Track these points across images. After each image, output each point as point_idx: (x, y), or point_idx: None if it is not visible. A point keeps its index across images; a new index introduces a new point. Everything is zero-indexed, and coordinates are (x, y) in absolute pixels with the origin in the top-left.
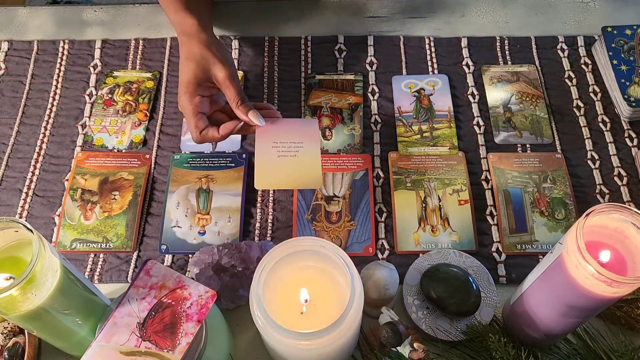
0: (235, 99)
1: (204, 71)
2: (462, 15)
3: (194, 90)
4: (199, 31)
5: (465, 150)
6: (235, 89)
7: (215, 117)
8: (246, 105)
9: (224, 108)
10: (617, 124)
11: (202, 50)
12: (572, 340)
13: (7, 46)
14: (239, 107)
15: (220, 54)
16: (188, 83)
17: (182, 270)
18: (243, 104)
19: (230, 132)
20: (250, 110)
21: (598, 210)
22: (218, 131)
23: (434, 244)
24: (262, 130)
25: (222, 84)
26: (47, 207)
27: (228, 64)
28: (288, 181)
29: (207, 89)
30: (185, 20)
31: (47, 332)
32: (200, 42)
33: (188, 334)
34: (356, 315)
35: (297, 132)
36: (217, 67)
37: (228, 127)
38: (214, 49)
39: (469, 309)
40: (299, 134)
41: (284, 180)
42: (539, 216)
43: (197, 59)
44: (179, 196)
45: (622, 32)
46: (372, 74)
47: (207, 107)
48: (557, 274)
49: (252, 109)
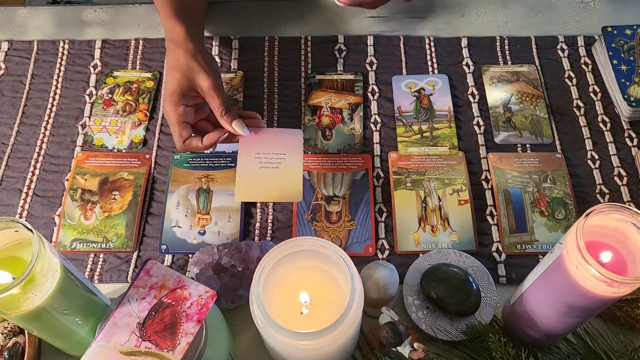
0: (219, 109)
1: (189, 81)
2: (462, 15)
3: (178, 99)
4: (186, 40)
5: (465, 150)
6: (220, 98)
7: (200, 125)
8: (230, 115)
9: (209, 117)
10: (617, 124)
11: (188, 60)
12: (572, 340)
13: (7, 46)
14: (223, 116)
15: (205, 63)
16: (173, 93)
17: (182, 270)
18: (227, 114)
19: (213, 142)
20: (235, 120)
21: (598, 210)
22: (202, 141)
23: (434, 244)
24: (246, 140)
25: (206, 94)
26: (47, 207)
27: (213, 73)
28: (268, 194)
29: (191, 98)
30: (174, 27)
31: (47, 332)
32: (186, 51)
33: (188, 334)
34: (356, 315)
35: (281, 142)
36: (202, 76)
37: (212, 137)
38: (200, 58)
39: (469, 309)
40: (283, 144)
41: (264, 193)
42: (539, 216)
43: (182, 69)
44: (179, 196)
45: (622, 32)
46: (372, 74)
47: (192, 116)
48: (557, 274)
49: (237, 119)
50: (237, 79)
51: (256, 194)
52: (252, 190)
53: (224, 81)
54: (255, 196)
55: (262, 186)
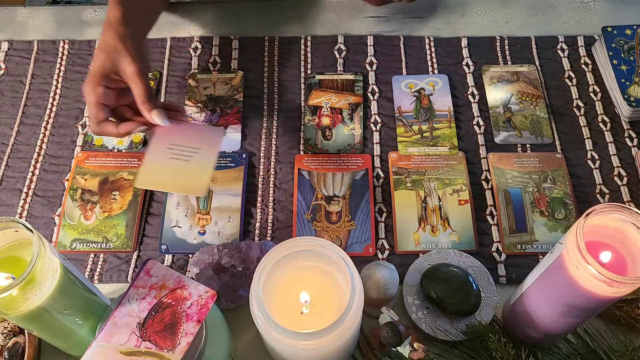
0: (140, 96)
1: (113, 63)
2: (462, 15)
3: (98, 80)
4: (119, 23)
5: (465, 150)
6: (143, 85)
7: (120, 110)
8: (151, 103)
9: (131, 104)
10: (617, 124)
11: (116, 42)
12: (572, 340)
13: (7, 46)
14: (143, 104)
15: (133, 48)
16: (94, 73)
17: (182, 270)
18: (148, 102)
19: (128, 131)
20: (155, 109)
21: (598, 210)
22: (117, 127)
23: (434, 244)
24: (163, 130)
25: (129, 79)
26: (47, 207)
27: (139, 59)
28: (170, 185)
29: (114, 81)
30: (111, 9)
31: (47, 332)
32: (116, 33)
33: (188, 334)
34: (356, 315)
35: (199, 138)
36: (127, 61)
37: (128, 126)
38: (129, 42)
39: (469, 309)
40: (200, 140)
41: (166, 182)
42: (539, 216)
43: (108, 50)
44: (179, 196)
45: (622, 32)
46: (372, 74)
47: (112, 99)
48: (557, 274)
49: (157, 108)
50: (237, 79)
51: (158, 182)
52: (154, 179)
53: (224, 81)
54: (155, 184)
55: (167, 176)
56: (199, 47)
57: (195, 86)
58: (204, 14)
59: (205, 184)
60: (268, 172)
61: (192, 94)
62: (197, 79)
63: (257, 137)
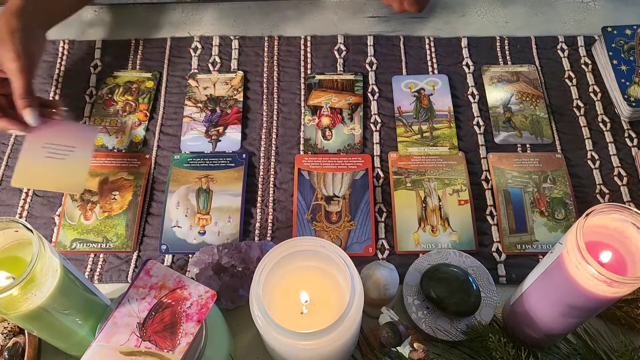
0: (18, 91)
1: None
2: (462, 15)
3: None
4: (13, 14)
5: (465, 150)
6: (22, 82)
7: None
8: (26, 100)
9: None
10: (617, 124)
11: (3, 35)
12: (572, 340)
13: None
14: (18, 99)
15: (21, 44)
16: None
17: (182, 270)
18: (24, 98)
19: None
20: (28, 107)
21: (598, 210)
22: None
23: (434, 244)
24: (38, 128)
25: (10, 75)
26: (47, 207)
27: (24, 56)
28: (48, 183)
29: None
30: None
31: (47, 332)
32: (7, 25)
33: (188, 334)
34: (356, 315)
35: (73, 137)
36: (10, 56)
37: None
38: (17, 37)
39: (469, 309)
40: (75, 139)
41: (44, 181)
42: (539, 216)
43: None
44: (179, 196)
45: (622, 32)
46: (372, 74)
47: None
48: (557, 274)
49: (31, 107)
50: (237, 79)
51: (35, 181)
52: (31, 177)
53: (224, 81)
54: (33, 183)
55: (43, 175)
56: (199, 47)
57: (195, 86)
58: (204, 14)
59: (83, 180)
60: (268, 172)
61: (192, 94)
62: (197, 79)
63: (257, 137)
